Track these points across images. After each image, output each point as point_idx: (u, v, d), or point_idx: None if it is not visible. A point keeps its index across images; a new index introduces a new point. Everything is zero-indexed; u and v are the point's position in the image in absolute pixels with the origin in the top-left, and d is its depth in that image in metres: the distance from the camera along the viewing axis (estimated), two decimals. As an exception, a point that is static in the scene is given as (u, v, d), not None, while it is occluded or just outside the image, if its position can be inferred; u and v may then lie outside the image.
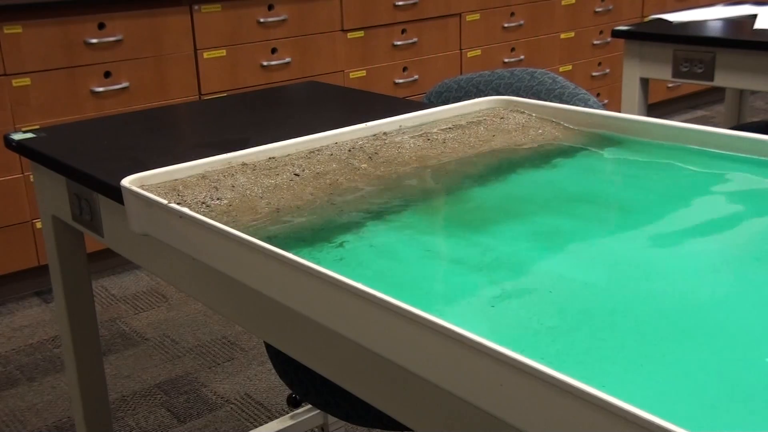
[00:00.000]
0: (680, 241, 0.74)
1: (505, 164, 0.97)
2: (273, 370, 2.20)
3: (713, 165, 0.93)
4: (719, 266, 0.69)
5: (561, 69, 3.85)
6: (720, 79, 1.98)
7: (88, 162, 1.13)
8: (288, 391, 2.05)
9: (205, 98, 1.85)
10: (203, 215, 0.79)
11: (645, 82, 2.17)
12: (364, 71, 3.20)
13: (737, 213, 0.80)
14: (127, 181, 0.90)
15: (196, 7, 2.74)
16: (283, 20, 2.94)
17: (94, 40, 2.57)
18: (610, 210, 0.82)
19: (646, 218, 0.80)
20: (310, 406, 1.81)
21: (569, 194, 0.87)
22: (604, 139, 1.05)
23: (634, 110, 2.18)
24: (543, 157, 0.99)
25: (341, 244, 0.76)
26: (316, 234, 0.79)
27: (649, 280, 0.67)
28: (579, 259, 0.71)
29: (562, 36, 3.83)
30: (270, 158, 1.00)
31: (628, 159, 0.97)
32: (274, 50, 2.95)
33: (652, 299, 0.64)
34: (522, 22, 3.64)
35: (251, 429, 1.90)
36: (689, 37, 2.01)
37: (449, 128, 1.10)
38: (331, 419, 1.82)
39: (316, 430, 1.82)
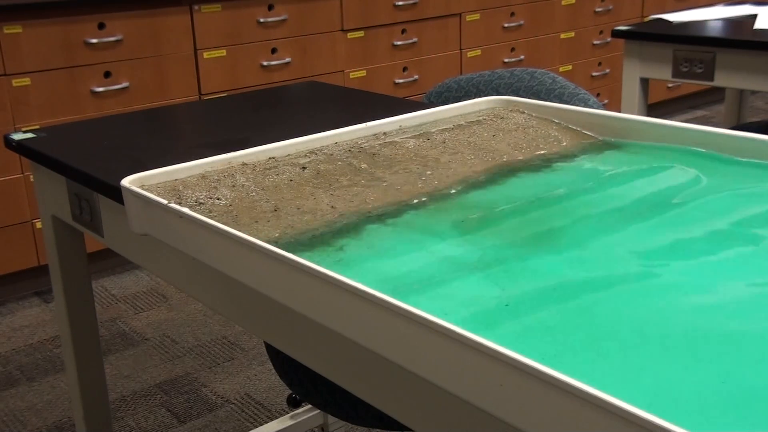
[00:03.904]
0: (680, 241, 0.74)
1: (505, 164, 0.97)
2: (273, 370, 2.20)
3: (713, 166, 0.93)
4: (720, 266, 0.69)
5: (561, 69, 3.85)
6: (720, 79, 1.98)
7: (88, 162, 1.13)
8: (288, 391, 2.05)
9: (205, 98, 1.85)
10: (203, 215, 0.79)
11: (645, 82, 2.17)
12: (364, 71, 3.20)
13: (738, 214, 0.80)
14: (127, 181, 0.90)
15: (196, 7, 2.74)
16: (283, 20, 2.94)
17: (94, 40, 2.57)
18: (610, 210, 0.82)
19: (647, 219, 0.80)
20: (310, 406, 1.81)
21: (569, 194, 0.87)
22: (604, 139, 1.05)
23: (634, 110, 2.18)
24: (543, 157, 0.99)
25: (341, 246, 0.76)
26: (316, 235, 0.79)
27: (649, 280, 0.67)
28: (579, 261, 0.71)
29: (562, 36, 3.83)
30: (270, 158, 1.00)
31: (628, 159, 0.97)
32: (274, 50, 2.95)
33: (652, 300, 0.64)
34: (522, 22, 3.64)
35: (251, 429, 1.90)
36: (689, 37, 2.01)
37: (449, 128, 1.10)
38: (331, 419, 1.82)
39: (316, 430, 1.82)
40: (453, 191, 0.89)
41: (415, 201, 0.86)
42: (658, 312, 0.62)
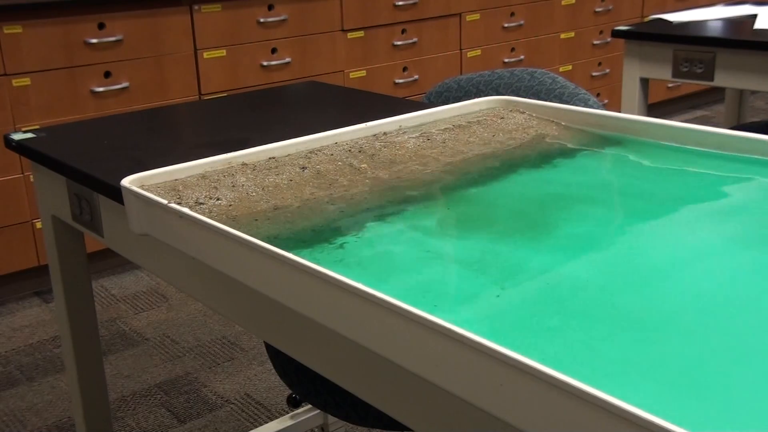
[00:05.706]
0: (680, 241, 0.74)
1: (505, 164, 0.97)
2: (273, 370, 2.20)
3: (713, 165, 0.93)
4: (719, 266, 0.69)
5: (561, 69, 3.85)
6: (720, 79, 1.98)
7: (88, 162, 1.13)
8: (288, 391, 2.05)
9: (205, 98, 1.86)
10: (203, 215, 0.79)
11: (645, 82, 2.17)
12: (364, 71, 3.20)
13: (737, 213, 0.80)
14: (127, 181, 0.90)
15: (196, 7, 2.74)
16: (283, 20, 2.94)
17: (94, 40, 2.57)
18: (610, 210, 0.82)
19: (646, 218, 0.80)
20: (310, 406, 1.81)
21: (569, 194, 0.87)
22: (604, 139, 1.05)
23: (634, 110, 2.18)
24: (543, 157, 0.99)
25: (341, 245, 0.76)
26: (316, 234, 0.79)
27: (649, 280, 0.67)
28: (579, 260, 0.71)
29: (562, 36, 3.83)
30: (270, 158, 1.00)
31: (628, 159, 0.97)
32: (274, 50, 2.95)
33: (652, 300, 0.64)
34: (522, 22, 3.64)
35: (251, 429, 1.90)
36: (689, 37, 2.01)
37: (449, 128, 1.10)
38: (331, 419, 1.82)
39: (316, 430, 1.82)
40: (453, 190, 0.89)
41: (415, 200, 0.86)
42: (658, 312, 0.62)
